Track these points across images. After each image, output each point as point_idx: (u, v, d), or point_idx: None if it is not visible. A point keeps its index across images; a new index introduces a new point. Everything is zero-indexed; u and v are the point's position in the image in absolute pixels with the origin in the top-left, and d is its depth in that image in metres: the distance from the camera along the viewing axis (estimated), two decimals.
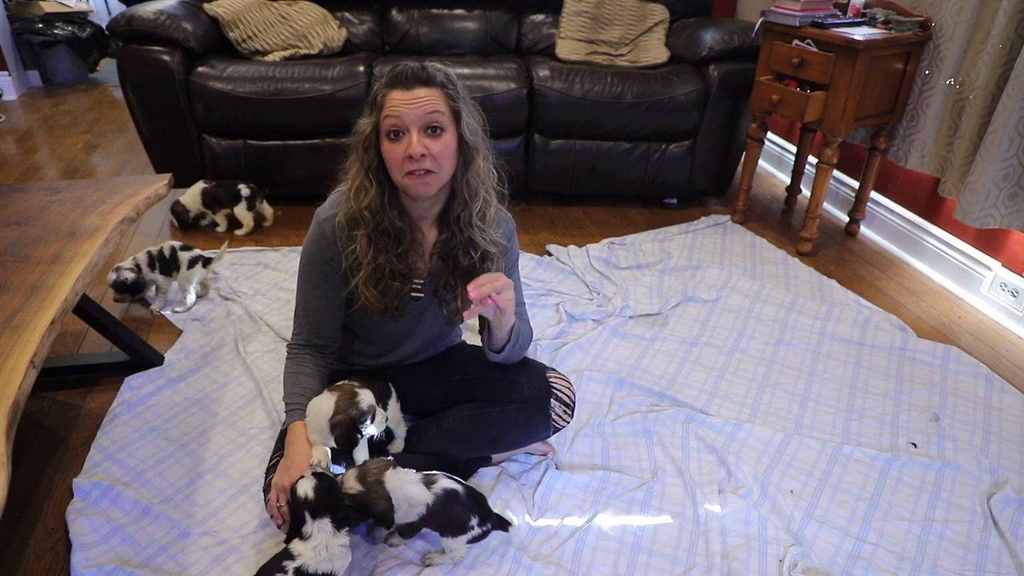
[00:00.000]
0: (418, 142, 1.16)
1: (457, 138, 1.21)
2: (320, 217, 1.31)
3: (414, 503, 1.21)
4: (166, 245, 2.09)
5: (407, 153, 1.16)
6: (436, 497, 1.21)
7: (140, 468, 1.50)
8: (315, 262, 1.33)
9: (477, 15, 3.13)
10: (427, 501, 1.21)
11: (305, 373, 1.35)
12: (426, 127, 1.17)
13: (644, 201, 3.02)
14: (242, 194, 2.54)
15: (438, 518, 1.22)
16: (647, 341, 2.02)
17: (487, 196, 1.29)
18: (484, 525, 1.25)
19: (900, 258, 2.60)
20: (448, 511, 1.22)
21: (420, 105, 1.16)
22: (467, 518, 1.23)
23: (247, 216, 2.59)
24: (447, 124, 1.19)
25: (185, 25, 2.55)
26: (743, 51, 2.66)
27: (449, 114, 1.19)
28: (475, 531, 1.23)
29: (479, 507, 1.25)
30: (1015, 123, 1.96)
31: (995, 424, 1.74)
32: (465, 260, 1.32)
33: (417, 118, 1.16)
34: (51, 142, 3.56)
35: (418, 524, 1.24)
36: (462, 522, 1.23)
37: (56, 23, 4.50)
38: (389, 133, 1.18)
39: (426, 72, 1.18)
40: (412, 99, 1.16)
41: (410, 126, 1.16)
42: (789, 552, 1.34)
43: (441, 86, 1.18)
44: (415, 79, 1.17)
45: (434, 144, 1.18)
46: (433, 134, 1.18)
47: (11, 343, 1.07)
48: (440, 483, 1.23)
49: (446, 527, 1.24)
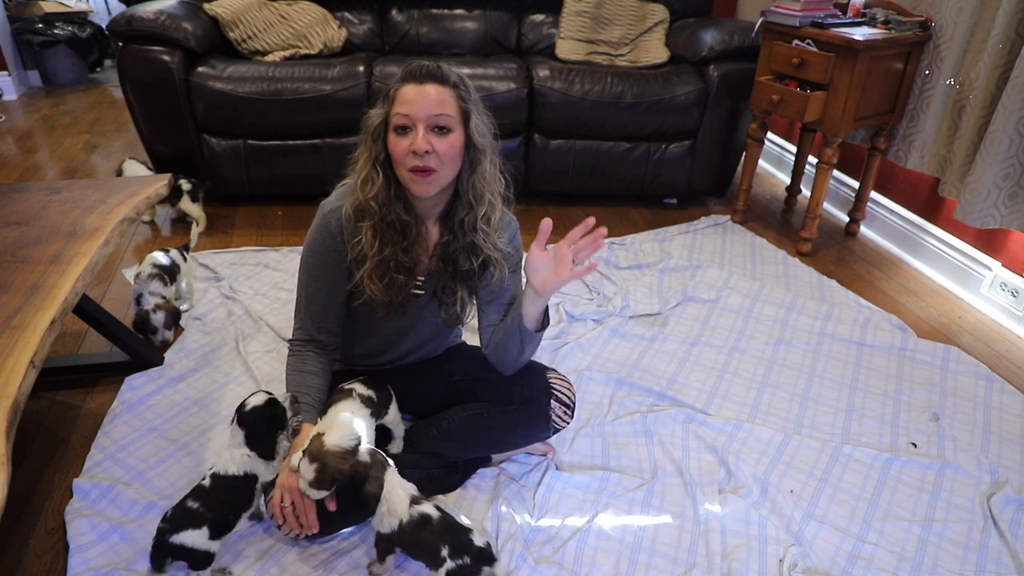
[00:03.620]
0: (423, 138, 1.16)
1: (464, 140, 1.21)
2: (325, 209, 1.31)
3: (393, 511, 1.18)
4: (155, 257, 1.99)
5: (411, 148, 1.17)
6: (411, 518, 1.18)
7: (141, 468, 1.50)
8: (319, 254, 1.32)
9: (477, 15, 3.13)
10: (402, 517, 1.18)
11: (310, 372, 1.35)
12: (434, 125, 1.18)
13: (644, 201, 3.02)
14: (183, 188, 2.53)
15: (407, 539, 1.19)
16: (647, 341, 2.03)
17: (492, 200, 1.29)
18: (459, 558, 1.16)
19: (900, 258, 2.60)
20: (416, 535, 1.18)
21: (430, 102, 1.16)
22: (437, 548, 1.16)
23: (194, 209, 2.57)
24: (455, 125, 1.19)
25: (185, 25, 2.55)
26: (743, 51, 2.66)
27: (458, 115, 1.20)
28: (449, 564, 1.16)
29: (454, 537, 1.18)
30: (1015, 123, 1.96)
31: (995, 424, 1.74)
32: (465, 265, 1.32)
33: (426, 115, 1.17)
34: (51, 142, 3.56)
35: (390, 539, 1.20)
36: (432, 551, 1.17)
37: (56, 23, 4.50)
38: (397, 127, 1.19)
39: (440, 71, 1.19)
40: (422, 95, 1.17)
41: (418, 122, 1.17)
42: (789, 552, 1.34)
43: (454, 86, 1.19)
44: (428, 76, 1.18)
45: (440, 143, 1.18)
46: (440, 133, 1.18)
47: (11, 343, 1.07)
48: (421, 507, 1.19)
49: (416, 552, 1.21)
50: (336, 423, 1.21)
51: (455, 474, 1.48)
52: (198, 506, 1.19)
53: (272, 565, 1.29)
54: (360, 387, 1.34)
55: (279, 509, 1.24)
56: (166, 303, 1.92)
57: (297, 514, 1.24)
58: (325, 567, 1.29)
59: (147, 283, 1.92)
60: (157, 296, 1.92)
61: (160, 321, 1.89)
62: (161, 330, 1.90)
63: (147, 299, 1.91)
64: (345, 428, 1.20)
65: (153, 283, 1.92)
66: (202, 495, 1.20)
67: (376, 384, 1.38)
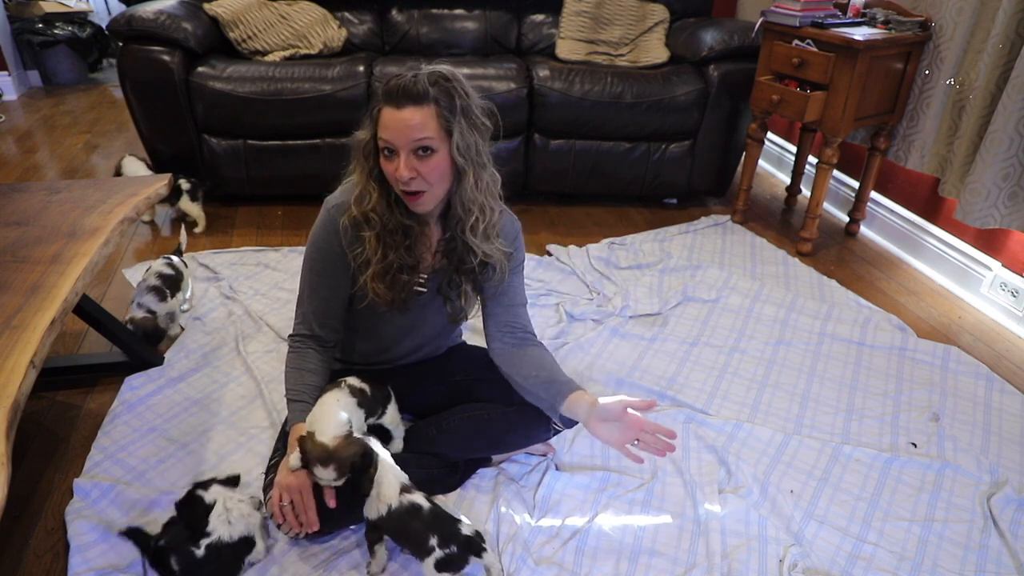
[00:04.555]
0: (405, 166, 1.16)
1: (450, 156, 1.19)
2: (330, 204, 1.31)
3: (383, 496, 1.19)
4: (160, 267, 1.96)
5: (395, 175, 1.18)
6: (400, 505, 1.19)
7: (141, 468, 1.50)
8: (323, 249, 1.32)
9: (477, 15, 3.13)
10: (391, 503, 1.19)
11: (308, 369, 1.35)
12: (416, 148, 1.16)
13: (644, 201, 3.02)
14: (182, 188, 2.53)
15: (394, 526, 1.20)
16: (647, 341, 2.02)
17: (484, 209, 1.27)
18: (447, 547, 1.17)
19: (900, 258, 2.60)
20: (404, 524, 1.19)
21: (409, 128, 1.14)
22: (425, 537, 1.17)
23: (194, 208, 2.57)
24: (438, 144, 1.17)
25: (185, 25, 2.55)
26: (743, 51, 2.66)
27: (439, 134, 1.17)
28: (437, 553, 1.17)
29: (443, 528, 1.18)
30: (1015, 123, 1.96)
31: (995, 424, 1.74)
32: (468, 260, 1.32)
33: (406, 141, 1.15)
34: (51, 142, 3.56)
35: (377, 526, 1.22)
36: (420, 540, 1.18)
37: (56, 23, 4.50)
38: (383, 150, 1.19)
39: (417, 88, 1.13)
40: (401, 122, 1.14)
41: (399, 148, 1.16)
42: (789, 552, 1.34)
43: (434, 102, 1.15)
44: (406, 96, 1.14)
45: (423, 165, 1.17)
46: (424, 154, 1.17)
47: (11, 343, 1.07)
48: (411, 495, 1.20)
49: (404, 540, 1.22)
50: (321, 416, 1.22)
51: (455, 474, 1.48)
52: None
53: (272, 564, 1.29)
54: (353, 380, 1.33)
55: (279, 508, 1.24)
56: (147, 319, 1.86)
57: (297, 512, 1.24)
58: (325, 567, 1.29)
59: (142, 293, 1.89)
60: (144, 309, 1.87)
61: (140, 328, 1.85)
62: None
63: (134, 308, 1.87)
64: (331, 417, 1.21)
65: (147, 296, 1.88)
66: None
67: (374, 382, 1.38)
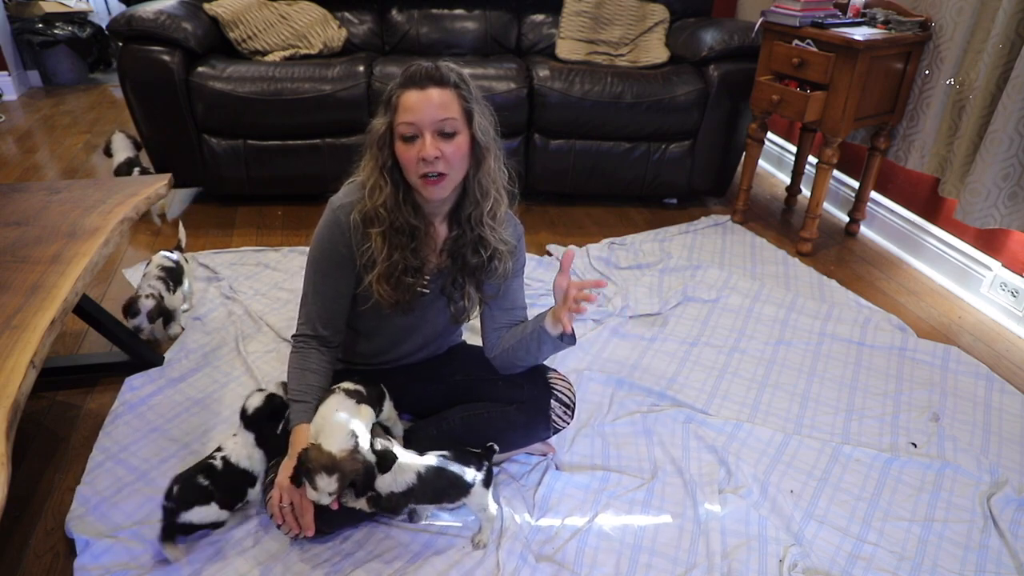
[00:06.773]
0: (431, 145, 1.17)
1: (470, 139, 1.21)
2: (335, 205, 1.31)
3: (404, 468, 1.25)
4: (160, 260, 1.99)
5: (420, 156, 1.17)
6: (428, 468, 1.26)
7: (143, 468, 1.50)
8: (327, 249, 1.32)
9: (477, 15, 3.13)
10: (419, 469, 1.25)
11: (311, 370, 1.35)
12: (440, 130, 1.17)
13: (644, 201, 3.02)
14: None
15: (432, 487, 1.26)
16: (647, 341, 2.03)
17: (498, 195, 1.29)
18: (481, 467, 1.30)
19: (900, 258, 2.60)
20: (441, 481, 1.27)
21: (434, 108, 1.16)
22: (461, 474, 1.28)
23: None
24: (460, 127, 1.19)
25: (185, 25, 2.55)
26: (743, 51, 2.66)
27: (462, 116, 1.19)
28: (482, 475, 1.29)
29: (469, 460, 1.30)
30: (1015, 123, 1.96)
31: (995, 424, 1.74)
32: (474, 259, 1.33)
33: (431, 121, 1.16)
34: (51, 142, 3.56)
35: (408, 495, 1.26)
36: (461, 483, 1.28)
37: (56, 23, 4.50)
38: (403, 136, 1.19)
39: (439, 72, 1.18)
40: (426, 101, 1.16)
41: (424, 129, 1.17)
42: (789, 552, 1.34)
43: (455, 87, 1.18)
44: (429, 79, 1.17)
45: (447, 147, 1.18)
46: (446, 136, 1.18)
47: (11, 343, 1.07)
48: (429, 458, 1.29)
49: (446, 494, 1.29)
50: (329, 427, 1.22)
51: None
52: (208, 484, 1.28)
53: (276, 564, 1.29)
54: (346, 384, 1.34)
55: (278, 509, 1.24)
56: (161, 300, 1.89)
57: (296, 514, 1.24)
58: (329, 566, 1.29)
59: (150, 279, 1.92)
60: (156, 291, 1.88)
61: (146, 307, 1.84)
62: (143, 315, 1.84)
63: (144, 287, 1.89)
64: (340, 429, 1.21)
65: (156, 281, 1.91)
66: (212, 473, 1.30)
67: (366, 381, 1.37)
